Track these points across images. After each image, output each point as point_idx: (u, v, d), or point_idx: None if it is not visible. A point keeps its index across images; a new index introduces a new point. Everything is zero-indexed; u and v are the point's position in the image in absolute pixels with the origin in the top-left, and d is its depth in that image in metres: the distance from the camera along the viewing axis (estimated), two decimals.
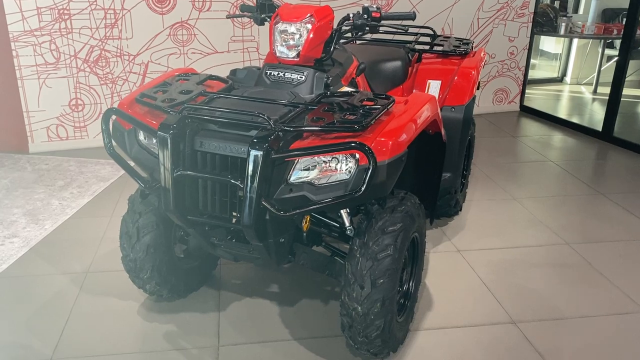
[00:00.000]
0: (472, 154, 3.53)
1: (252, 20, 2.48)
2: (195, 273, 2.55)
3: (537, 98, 6.38)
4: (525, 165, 4.31)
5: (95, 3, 4.12)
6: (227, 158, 1.85)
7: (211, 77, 2.32)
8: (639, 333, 2.39)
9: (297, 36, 2.17)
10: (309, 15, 2.17)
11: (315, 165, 1.84)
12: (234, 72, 2.33)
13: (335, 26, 2.30)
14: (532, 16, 5.39)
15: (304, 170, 1.84)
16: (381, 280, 1.93)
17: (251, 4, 2.40)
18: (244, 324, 2.41)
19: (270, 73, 2.20)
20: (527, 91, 5.83)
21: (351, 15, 2.31)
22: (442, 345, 2.30)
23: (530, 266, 2.90)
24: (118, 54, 4.31)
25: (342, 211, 2.19)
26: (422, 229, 2.28)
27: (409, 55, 3.16)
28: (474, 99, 3.00)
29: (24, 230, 3.13)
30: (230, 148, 1.83)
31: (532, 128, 5.29)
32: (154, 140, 2.00)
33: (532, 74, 7.05)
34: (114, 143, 2.08)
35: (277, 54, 2.21)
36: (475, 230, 3.27)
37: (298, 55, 2.18)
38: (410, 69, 3.12)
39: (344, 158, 1.83)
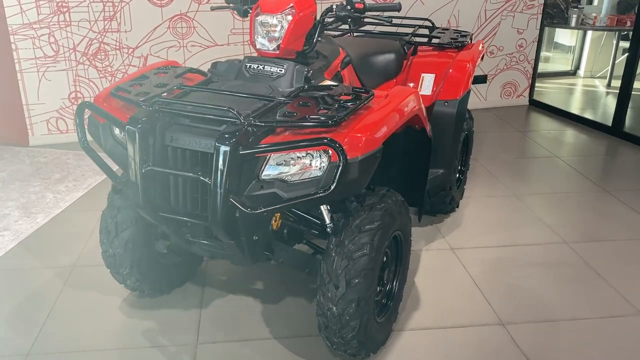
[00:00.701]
0: (470, 149, 3.44)
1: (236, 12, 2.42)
2: (179, 269, 2.52)
3: (548, 92, 6.23)
4: (530, 161, 4.20)
5: None
6: (197, 154, 1.81)
7: (191, 70, 2.27)
8: (633, 337, 2.30)
9: (277, 28, 2.12)
10: (289, 6, 2.11)
11: (289, 161, 1.79)
12: (215, 65, 2.28)
13: (319, 18, 2.24)
14: (542, 7, 5.25)
15: (276, 166, 1.79)
16: (356, 280, 1.87)
17: None
18: (225, 322, 2.37)
19: (250, 66, 2.15)
20: (537, 85, 5.69)
21: (334, 6, 2.25)
22: (425, 347, 2.24)
23: (525, 265, 2.82)
24: (117, 47, 4.30)
25: (322, 208, 2.13)
26: (406, 227, 2.22)
27: (405, 48, 3.09)
28: (468, 92, 2.91)
29: (16, 224, 3.14)
30: (200, 143, 1.78)
31: (540, 123, 5.17)
32: None
33: (544, 67, 6.90)
34: (90, 137, 2.05)
35: (257, 46, 2.16)
36: (471, 227, 3.19)
37: (278, 47, 2.12)
38: (405, 62, 3.04)
39: (318, 154, 1.77)
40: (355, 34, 3.41)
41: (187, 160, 1.83)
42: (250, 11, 2.42)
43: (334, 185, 1.67)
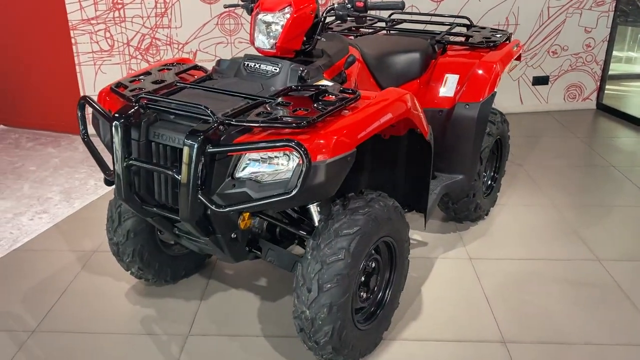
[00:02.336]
0: (505, 155, 3.26)
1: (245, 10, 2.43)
2: (184, 260, 2.58)
3: (621, 96, 5.76)
4: (581, 169, 3.92)
5: None
6: (177, 150, 1.84)
7: (196, 67, 2.32)
8: None
9: (275, 26, 2.11)
10: (286, 5, 2.09)
11: (263, 162, 1.78)
12: (219, 62, 2.31)
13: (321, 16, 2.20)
14: (614, 4, 4.87)
15: (250, 166, 1.79)
16: (329, 285, 1.84)
17: None
18: (221, 316, 2.41)
19: (247, 64, 2.16)
20: (608, 87, 5.29)
21: (335, 5, 2.21)
22: (414, 359, 2.15)
23: (547, 281, 2.63)
24: (168, 42, 4.46)
25: (312, 209, 2.11)
26: (399, 234, 2.14)
27: (435, 47, 2.97)
28: (493, 95, 2.75)
29: (55, 207, 3.35)
30: (176, 139, 1.81)
31: (605, 129, 4.80)
32: None
33: (619, 69, 6.38)
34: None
35: (256, 44, 2.17)
36: (497, 237, 3.02)
37: (274, 46, 2.11)
38: (433, 61, 2.93)
39: (291, 156, 1.74)
40: (385, 32, 3.32)
41: (169, 156, 1.86)
42: None
43: (297, 188, 1.64)
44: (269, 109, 1.80)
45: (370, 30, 3.28)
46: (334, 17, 2.22)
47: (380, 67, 2.66)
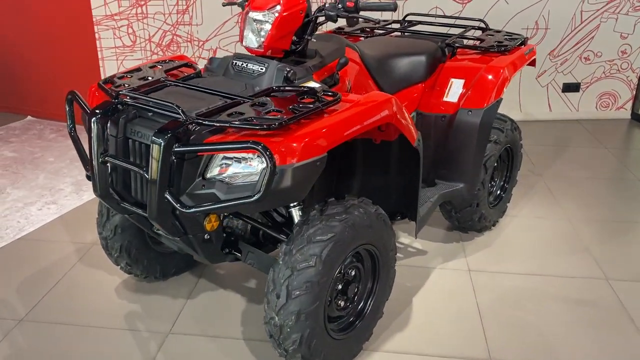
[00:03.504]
0: (517, 164, 3.12)
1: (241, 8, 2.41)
2: (174, 259, 2.58)
3: None
4: (605, 182, 3.73)
5: None
6: (150, 147, 1.83)
7: (186, 65, 2.31)
8: None
9: (263, 25, 2.08)
10: (275, 4, 2.06)
11: (232, 163, 1.74)
12: (211, 60, 2.29)
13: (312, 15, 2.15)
14: None
15: (220, 166, 1.76)
16: (298, 292, 1.79)
17: None
18: (204, 316, 2.39)
19: (235, 63, 2.13)
20: None
21: (326, 5, 2.15)
22: None
23: (546, 299, 2.51)
24: (188, 39, 4.50)
25: (293, 212, 2.07)
26: (383, 242, 2.07)
27: (445, 50, 2.88)
28: (498, 102, 2.63)
29: (64, 199, 3.41)
30: (147, 137, 1.80)
31: (638, 140, 4.57)
32: None
33: None
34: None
35: (244, 43, 2.14)
36: (501, 250, 2.91)
37: (262, 45, 2.08)
38: (441, 65, 2.83)
39: (261, 159, 1.70)
40: (400, 34, 3.24)
41: (143, 154, 1.85)
42: None
43: (261, 192, 1.60)
44: (243, 109, 1.77)
45: (382, 32, 3.21)
46: (324, 17, 2.16)
47: (381, 69, 2.60)
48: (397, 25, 3.33)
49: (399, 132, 2.13)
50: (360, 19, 2.31)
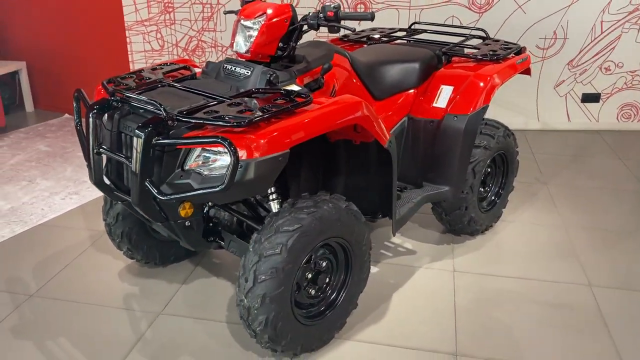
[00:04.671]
0: (513, 170, 3.18)
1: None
2: (173, 247, 2.77)
3: None
4: (611, 193, 3.72)
5: None
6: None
7: (185, 67, 2.51)
8: None
9: (251, 32, 2.26)
10: (261, 12, 2.24)
11: (208, 156, 1.92)
12: (207, 64, 2.48)
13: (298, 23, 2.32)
14: None
15: (197, 159, 1.94)
16: (263, 277, 1.94)
17: None
18: (195, 300, 2.58)
19: (226, 67, 2.31)
20: None
21: (310, 13, 2.31)
22: None
23: (524, 301, 2.57)
24: (213, 45, 4.74)
25: (271, 204, 2.23)
26: (355, 237, 2.20)
27: (442, 58, 2.98)
28: (484, 109, 2.72)
29: (86, 190, 3.69)
30: (134, 131, 1.99)
31: None
32: None
33: None
34: None
35: (234, 48, 2.32)
36: (489, 253, 2.98)
37: (249, 50, 2.26)
38: (435, 72, 2.94)
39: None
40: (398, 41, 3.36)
41: (131, 146, 2.05)
42: None
43: (225, 183, 1.77)
44: (220, 108, 1.94)
45: (385, 39, 3.34)
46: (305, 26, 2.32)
47: (372, 75, 2.73)
48: (402, 34, 3.45)
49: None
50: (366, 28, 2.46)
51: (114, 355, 2.22)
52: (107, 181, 2.18)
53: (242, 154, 1.78)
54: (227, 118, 1.85)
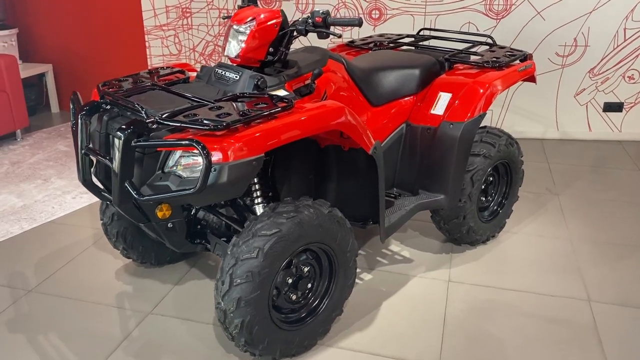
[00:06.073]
0: (517, 179, 3.11)
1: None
2: (168, 248, 2.77)
3: None
4: (623, 205, 3.59)
5: (211, 3, 4.66)
6: None
7: (180, 72, 2.55)
8: None
9: (241, 36, 2.28)
10: (250, 18, 2.26)
11: (187, 159, 1.95)
12: (201, 68, 2.52)
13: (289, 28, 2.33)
14: None
15: (176, 161, 1.96)
16: (239, 280, 1.95)
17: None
18: (185, 301, 2.61)
19: (217, 71, 2.34)
20: None
21: (299, 19, 2.32)
22: None
23: (518, 314, 2.51)
24: None
25: (255, 208, 2.25)
26: (340, 243, 2.19)
27: (443, 64, 2.95)
28: (481, 116, 2.67)
29: None
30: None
31: None
32: None
33: None
34: None
35: (225, 52, 2.35)
36: (488, 264, 2.91)
37: (238, 55, 2.28)
38: (436, 79, 2.90)
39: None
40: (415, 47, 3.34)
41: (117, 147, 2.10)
42: None
43: (197, 185, 1.79)
44: (202, 112, 1.97)
45: (392, 45, 3.32)
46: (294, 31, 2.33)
47: (368, 81, 2.72)
48: (409, 39, 3.43)
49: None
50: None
51: (99, 352, 2.27)
52: (96, 181, 2.24)
53: (216, 157, 1.80)
54: (205, 121, 1.87)
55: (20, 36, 5.27)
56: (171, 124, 1.91)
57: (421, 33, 3.50)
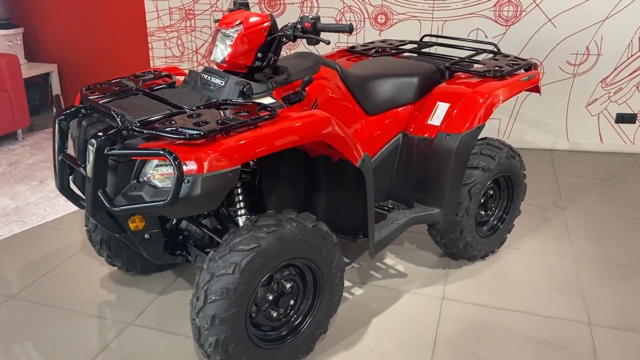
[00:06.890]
0: (519, 193, 2.99)
1: None
2: None
3: None
4: (632, 221, 3.44)
5: (215, 5, 4.59)
6: None
7: (167, 76, 2.47)
8: None
9: (228, 41, 2.20)
10: (238, 21, 2.18)
11: (161, 169, 1.87)
12: (189, 73, 2.44)
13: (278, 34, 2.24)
14: None
15: (151, 171, 1.88)
16: (213, 297, 1.87)
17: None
18: (167, 312, 2.53)
19: (203, 76, 2.26)
20: None
21: (288, 24, 2.23)
22: None
23: (512, 336, 2.39)
24: None
25: (238, 219, 2.16)
26: (325, 258, 2.10)
27: (444, 72, 2.84)
28: (479, 128, 2.55)
29: None
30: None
31: None
32: None
33: None
34: None
35: (211, 57, 2.27)
36: (486, 281, 2.80)
37: (224, 61, 2.20)
38: (436, 88, 2.80)
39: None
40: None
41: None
42: None
43: (169, 197, 1.71)
44: (179, 119, 1.88)
45: (394, 52, 3.22)
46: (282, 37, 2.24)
47: (364, 89, 2.62)
48: (411, 46, 3.33)
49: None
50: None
51: None
52: (74, 188, 2.17)
53: (189, 167, 1.72)
54: (180, 130, 1.79)
55: (26, 36, 5.26)
56: (145, 131, 1.83)
57: (424, 39, 3.39)
